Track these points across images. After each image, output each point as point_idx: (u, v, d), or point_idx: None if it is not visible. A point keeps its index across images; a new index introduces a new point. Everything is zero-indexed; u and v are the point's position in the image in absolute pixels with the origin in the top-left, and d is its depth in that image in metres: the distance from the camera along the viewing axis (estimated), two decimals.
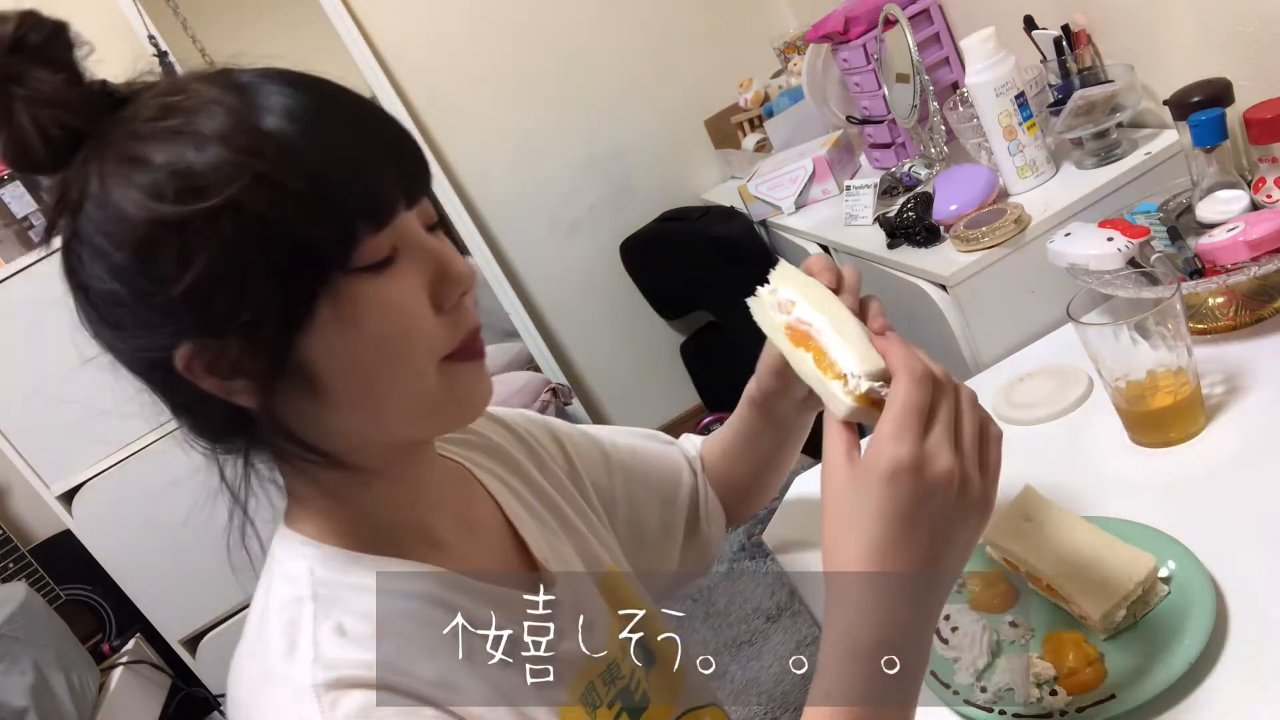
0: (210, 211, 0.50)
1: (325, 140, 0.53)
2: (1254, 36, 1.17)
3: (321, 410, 0.56)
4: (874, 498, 0.53)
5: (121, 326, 0.54)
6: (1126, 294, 0.95)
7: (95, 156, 0.53)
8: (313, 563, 0.61)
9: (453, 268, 0.59)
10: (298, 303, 0.53)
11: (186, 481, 0.64)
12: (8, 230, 1.99)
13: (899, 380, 0.55)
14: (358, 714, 0.53)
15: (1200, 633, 0.64)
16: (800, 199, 1.96)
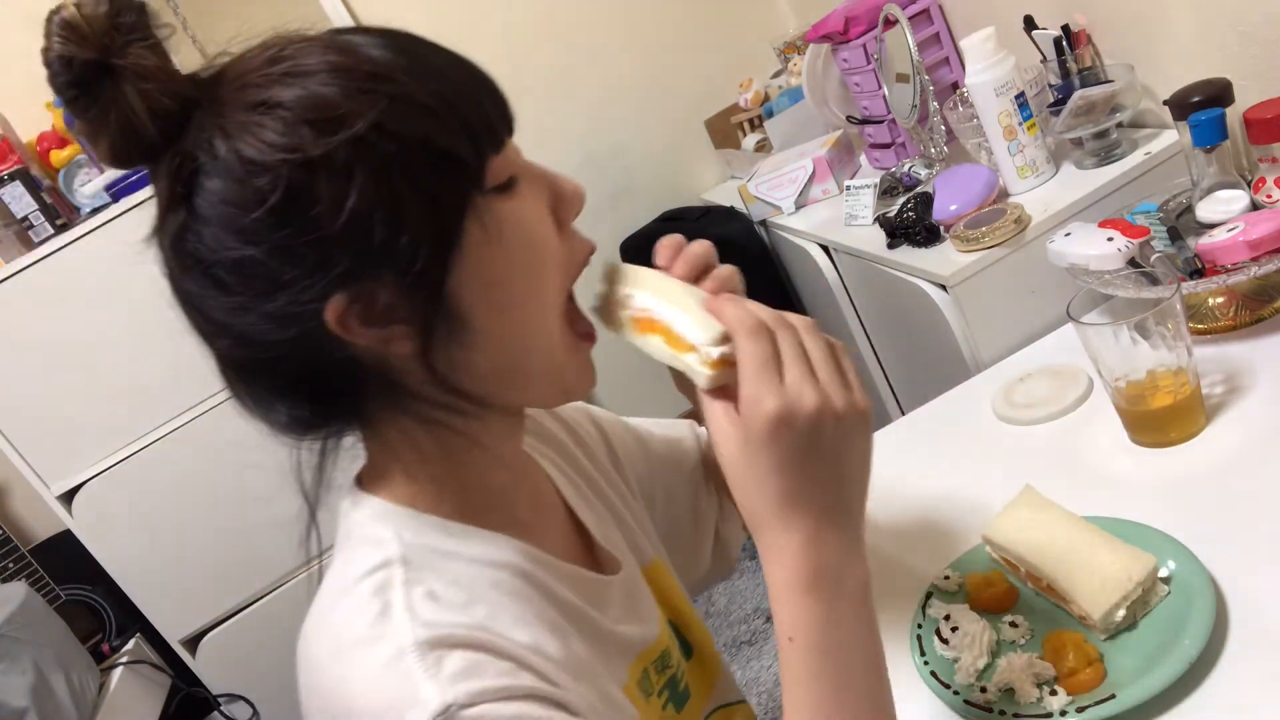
0: (356, 140, 0.50)
1: (434, 66, 0.54)
2: (1254, 36, 1.17)
3: (470, 351, 0.56)
4: (765, 455, 0.54)
5: (260, 296, 0.53)
6: (1126, 294, 0.95)
7: (212, 118, 0.52)
8: (400, 528, 0.59)
9: (567, 186, 0.60)
10: (449, 224, 0.53)
11: (186, 481, 0.64)
12: (8, 230, 1.99)
13: (737, 340, 0.56)
14: (463, 674, 0.51)
15: (1200, 633, 0.64)
16: (800, 199, 1.96)
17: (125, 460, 1.99)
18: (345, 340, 0.54)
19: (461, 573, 0.58)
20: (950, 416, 1.11)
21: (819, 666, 0.54)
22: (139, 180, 1.92)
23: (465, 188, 0.54)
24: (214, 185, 0.52)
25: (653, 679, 0.70)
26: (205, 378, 0.60)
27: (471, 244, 0.54)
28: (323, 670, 0.55)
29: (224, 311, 0.54)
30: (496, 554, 0.61)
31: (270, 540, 2.08)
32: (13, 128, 2.08)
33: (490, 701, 0.50)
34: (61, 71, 0.52)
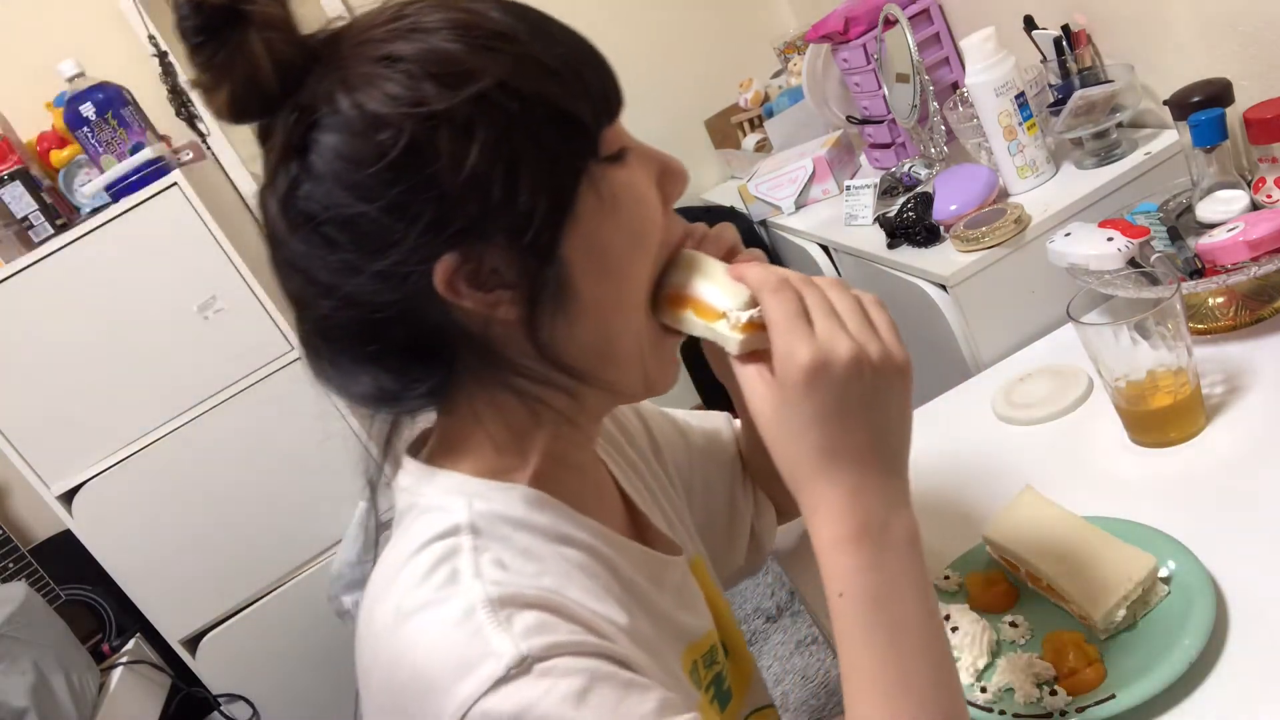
0: (480, 96, 0.50)
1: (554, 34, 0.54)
2: (1254, 36, 1.17)
3: (571, 325, 0.56)
4: (802, 409, 0.53)
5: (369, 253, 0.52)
6: (1126, 294, 0.95)
7: (334, 71, 0.52)
8: (473, 497, 0.58)
9: (674, 163, 0.60)
10: (565, 188, 0.53)
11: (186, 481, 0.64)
12: (8, 230, 1.99)
13: (763, 297, 0.56)
14: (535, 629, 0.51)
15: (1200, 633, 0.64)
16: (800, 199, 1.96)
17: (125, 460, 1.99)
18: (450, 303, 0.53)
19: (530, 544, 0.57)
20: (950, 416, 1.11)
21: (872, 617, 0.53)
22: (139, 180, 1.92)
23: (583, 152, 0.54)
24: (330, 140, 0.51)
25: (701, 673, 0.70)
26: (205, 377, 0.60)
27: (585, 210, 0.54)
28: (386, 637, 0.54)
29: (330, 271, 0.54)
30: (567, 529, 0.60)
31: (270, 540, 2.09)
32: (13, 128, 2.08)
33: (565, 655, 0.50)
34: (190, 15, 0.51)
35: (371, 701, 0.55)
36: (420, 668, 0.51)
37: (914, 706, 0.51)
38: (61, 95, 1.98)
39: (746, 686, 0.78)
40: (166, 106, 2.16)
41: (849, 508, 0.53)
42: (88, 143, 1.94)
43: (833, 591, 0.54)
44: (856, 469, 0.54)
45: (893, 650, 0.52)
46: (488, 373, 0.58)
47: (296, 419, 2.04)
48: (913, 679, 0.52)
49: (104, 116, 1.92)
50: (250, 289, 1.96)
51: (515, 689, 0.48)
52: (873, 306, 0.57)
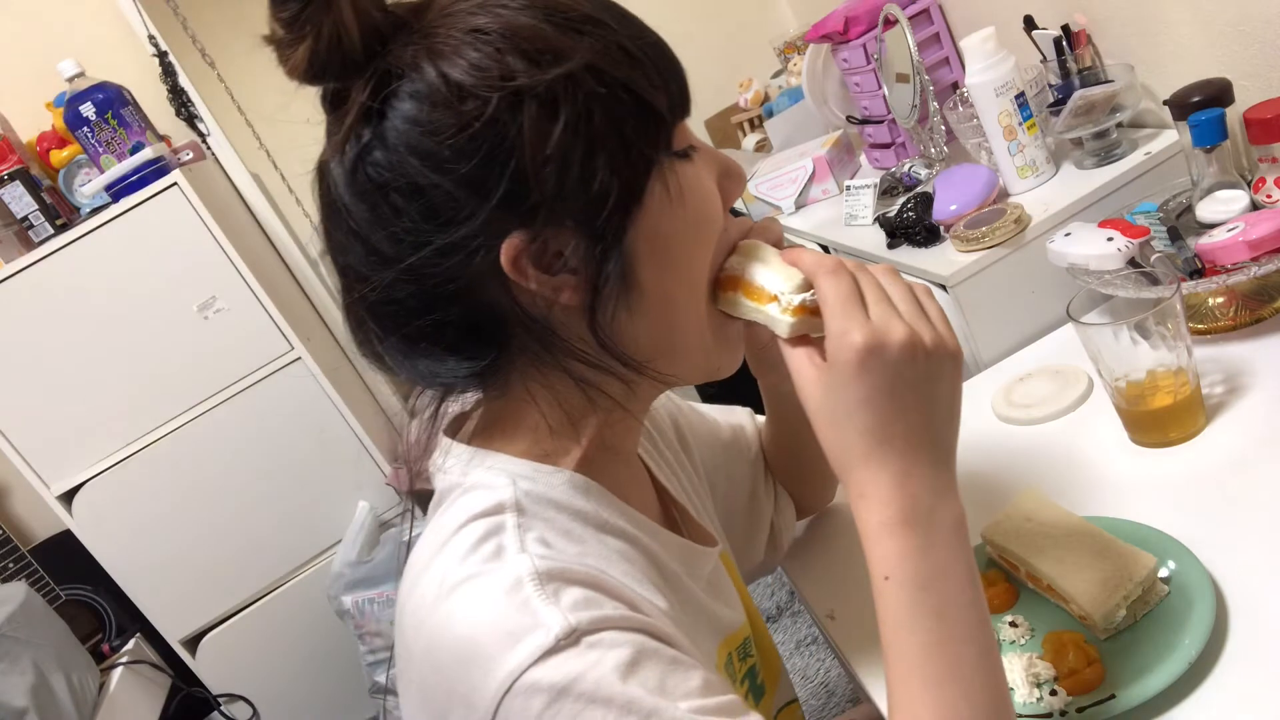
0: (568, 76, 0.50)
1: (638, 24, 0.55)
2: (1254, 36, 1.17)
3: (630, 315, 0.56)
4: (852, 390, 0.53)
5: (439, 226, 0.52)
6: (1126, 294, 0.95)
7: (420, 39, 0.52)
8: (518, 477, 0.58)
9: (734, 166, 0.61)
10: (637, 177, 0.53)
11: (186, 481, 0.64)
12: (8, 230, 1.99)
13: (818, 279, 0.56)
14: (583, 604, 0.51)
15: (1200, 633, 0.64)
16: (800, 199, 1.96)
17: (125, 460, 1.99)
18: (513, 284, 0.53)
19: (573, 527, 0.58)
20: None
21: (918, 601, 0.52)
22: (139, 180, 1.92)
23: (657, 144, 0.54)
24: (409, 107, 0.51)
25: (736, 665, 0.70)
26: (205, 377, 0.60)
27: (652, 202, 0.54)
28: (430, 608, 0.53)
29: (394, 242, 0.53)
30: (609, 515, 0.60)
31: (270, 540, 2.09)
32: (13, 128, 2.08)
33: (612, 629, 0.50)
34: None
35: (412, 674, 0.55)
36: (466, 637, 0.51)
37: (958, 694, 0.51)
38: (61, 95, 1.98)
39: (777, 680, 0.78)
40: (166, 106, 2.16)
41: (897, 492, 0.53)
42: (88, 143, 1.94)
43: (878, 575, 0.53)
44: (906, 454, 0.54)
45: (938, 636, 0.52)
46: (544, 356, 0.57)
47: (296, 419, 2.04)
48: (958, 666, 0.52)
49: (104, 116, 1.92)
50: (250, 289, 1.96)
51: (563, 660, 0.48)
52: (924, 295, 0.57)
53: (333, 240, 0.56)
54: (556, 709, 0.48)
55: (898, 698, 0.53)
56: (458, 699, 0.50)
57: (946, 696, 0.51)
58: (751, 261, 0.61)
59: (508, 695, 0.48)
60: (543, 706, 0.48)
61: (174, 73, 2.13)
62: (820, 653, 1.96)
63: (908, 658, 0.52)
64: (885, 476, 0.53)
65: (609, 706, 0.48)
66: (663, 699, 0.49)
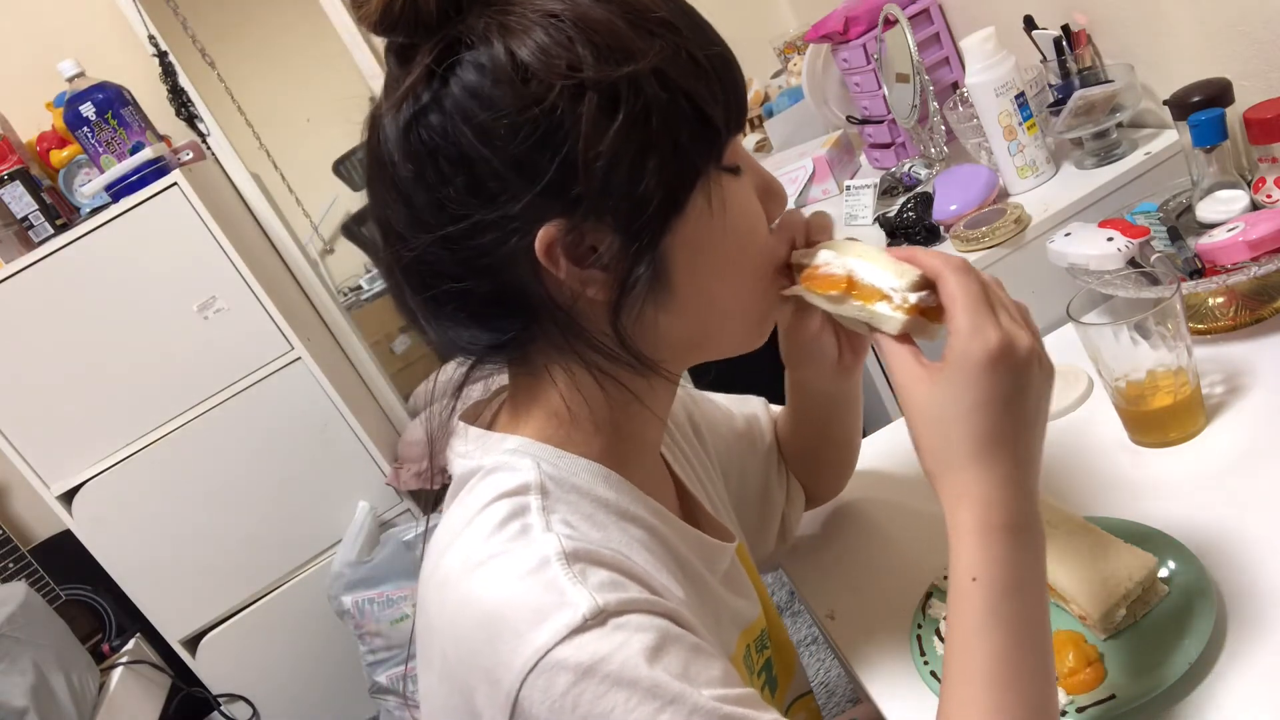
0: (633, 77, 0.50)
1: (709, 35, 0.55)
2: (1254, 36, 1.17)
3: (660, 313, 0.56)
4: (973, 391, 0.53)
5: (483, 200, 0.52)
6: (1126, 294, 0.95)
7: (495, 13, 0.52)
8: (540, 460, 0.58)
9: (777, 186, 0.62)
10: (683, 185, 0.53)
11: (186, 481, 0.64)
12: (8, 230, 1.99)
13: (948, 277, 0.55)
14: (609, 586, 0.51)
15: (1200, 633, 0.64)
16: (800, 199, 1.96)
17: (125, 460, 1.99)
18: (545, 270, 0.53)
19: (595, 513, 0.58)
20: None
21: (999, 607, 0.53)
22: (139, 180, 1.92)
23: (708, 156, 0.54)
24: (473, 78, 0.51)
25: (754, 657, 0.70)
26: (205, 377, 0.60)
27: (693, 212, 0.54)
28: (454, 586, 0.53)
29: (435, 208, 0.54)
30: (630, 505, 0.60)
31: (270, 540, 2.09)
32: (13, 128, 2.08)
33: (638, 612, 0.50)
34: None
35: (434, 650, 0.55)
36: (492, 614, 0.51)
37: (1015, 700, 0.51)
38: (61, 95, 1.98)
39: (791, 673, 0.78)
40: (166, 106, 2.16)
41: (1001, 497, 0.53)
42: (88, 143, 1.94)
43: (964, 575, 0.53)
44: (1013, 460, 0.54)
45: (1010, 643, 0.52)
46: (565, 343, 0.58)
47: (296, 419, 2.04)
48: (1021, 675, 0.52)
49: (104, 116, 1.91)
50: (250, 289, 1.96)
51: (590, 639, 0.48)
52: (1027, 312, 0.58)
53: (375, 193, 0.57)
54: (581, 689, 0.48)
55: (955, 694, 0.53)
56: (481, 674, 0.50)
57: (1004, 701, 0.51)
58: (853, 258, 0.60)
59: (532, 673, 0.48)
60: (568, 685, 0.48)
61: (174, 73, 2.13)
62: (820, 653, 1.96)
63: (977, 659, 0.52)
64: (991, 479, 0.53)
65: (634, 689, 0.48)
66: (687, 685, 0.49)
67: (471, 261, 0.54)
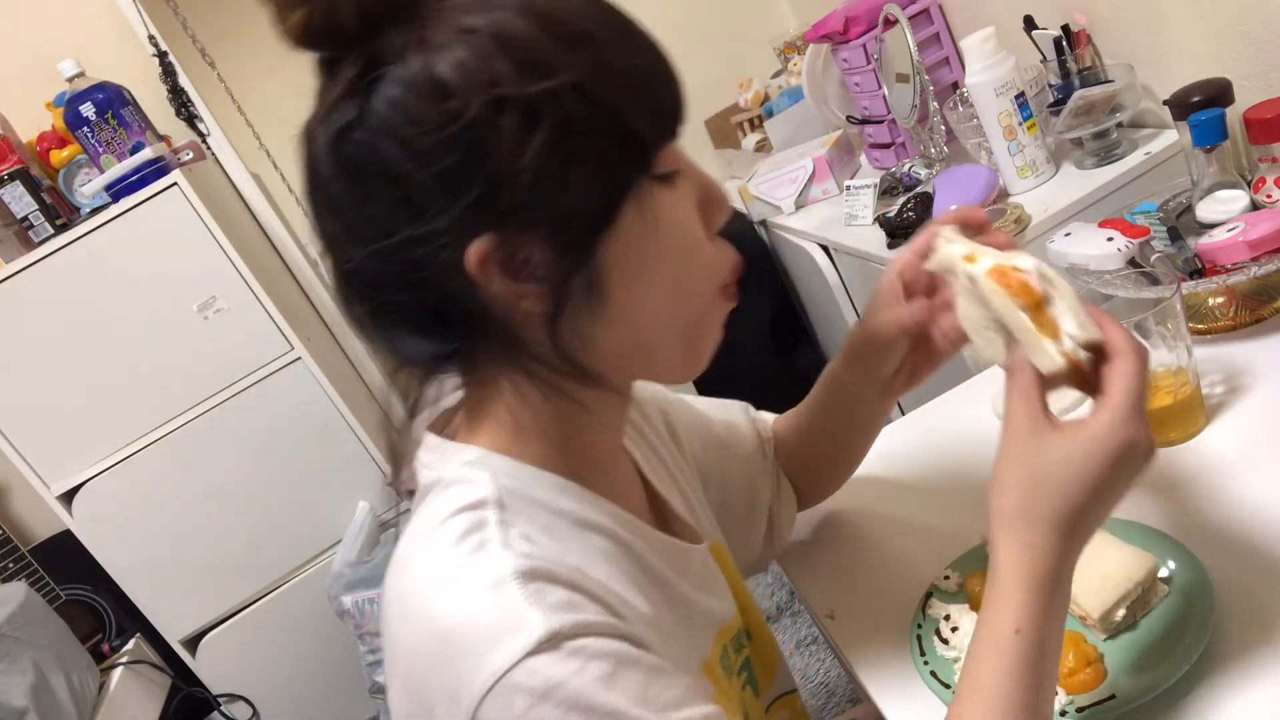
0: (553, 91, 0.50)
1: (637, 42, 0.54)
2: (1254, 36, 1.17)
3: (597, 325, 0.56)
4: (1093, 469, 0.55)
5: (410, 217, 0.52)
6: (1126, 294, 0.95)
7: (414, 28, 0.51)
8: (498, 473, 0.58)
9: (718, 192, 0.60)
10: (612, 199, 0.53)
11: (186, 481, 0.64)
12: (8, 230, 1.99)
13: (1126, 360, 0.57)
14: (565, 607, 0.51)
15: (1200, 633, 0.64)
16: (800, 199, 1.96)
17: (125, 460, 1.99)
18: (479, 283, 0.53)
19: (555, 525, 0.57)
20: (950, 416, 1.11)
21: (1034, 660, 0.55)
22: (139, 180, 1.92)
23: (636, 168, 0.54)
24: (395, 94, 0.51)
25: (732, 657, 0.70)
26: (205, 377, 0.60)
27: (625, 224, 0.54)
28: (413, 604, 0.54)
29: (366, 222, 0.53)
30: (591, 513, 0.60)
31: (270, 540, 2.09)
32: (13, 128, 2.08)
33: (593, 635, 0.50)
34: None
35: (398, 665, 0.55)
36: (450, 633, 0.51)
37: None
38: (61, 95, 1.98)
39: (773, 671, 0.78)
40: (166, 106, 2.16)
41: (1059, 564, 0.56)
42: (88, 143, 1.94)
43: (1008, 626, 0.55)
44: (1081, 529, 0.56)
45: (1034, 695, 0.55)
46: (509, 357, 0.58)
47: (296, 419, 2.04)
48: None
49: (104, 116, 1.92)
50: (250, 289, 1.96)
51: (544, 663, 0.48)
52: None
53: (311, 205, 0.56)
54: (538, 712, 0.48)
55: None
56: (441, 692, 0.51)
57: None
58: (1053, 288, 0.60)
59: (490, 694, 0.48)
60: (525, 708, 0.48)
61: (174, 73, 2.13)
62: (820, 653, 1.96)
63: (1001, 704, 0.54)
64: (1059, 547, 0.55)
65: (590, 715, 0.48)
66: (645, 710, 0.49)
67: (407, 275, 0.54)
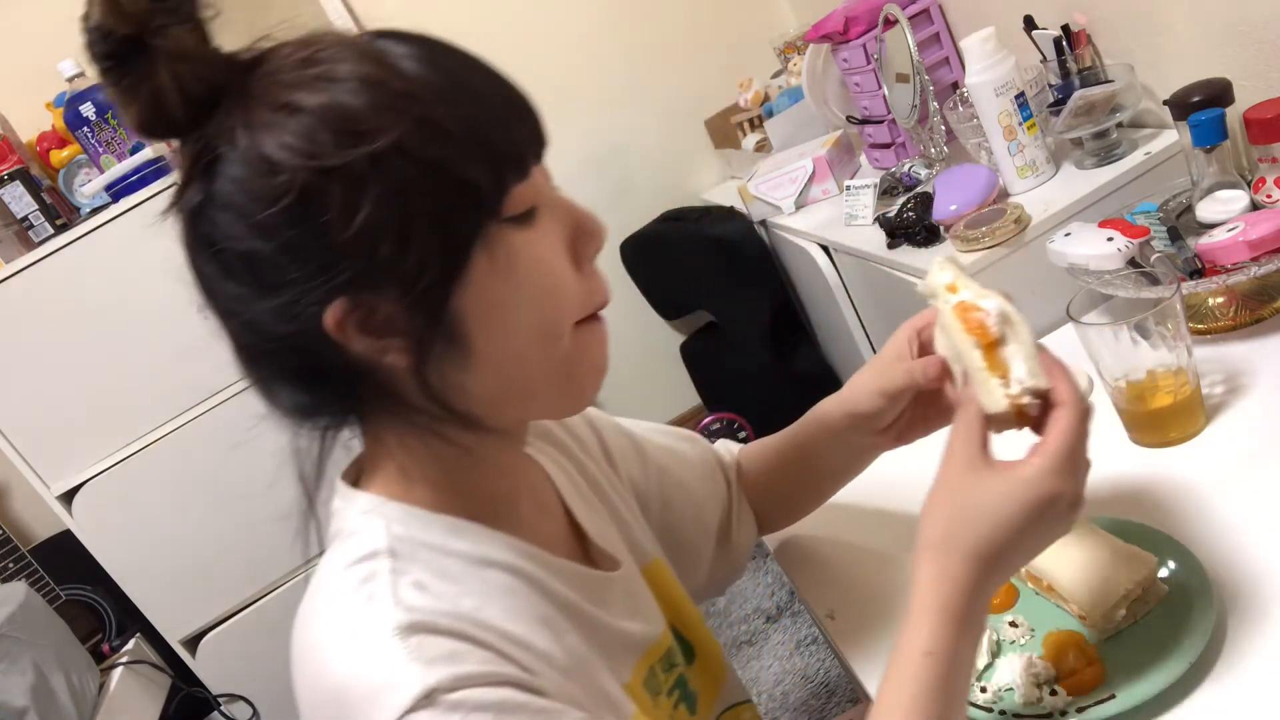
0: (374, 156, 0.50)
1: (469, 88, 0.54)
2: (1254, 36, 1.17)
3: (464, 373, 0.56)
4: (1018, 510, 0.57)
5: (265, 289, 0.53)
6: (1126, 294, 0.95)
7: (239, 109, 0.52)
8: (391, 521, 0.59)
9: (588, 223, 0.60)
10: (457, 250, 0.53)
11: (187, 481, 0.65)
12: (8, 230, 1.99)
13: (1068, 413, 0.58)
14: (446, 659, 0.51)
15: (1200, 633, 0.64)
16: (800, 199, 1.96)
17: (125, 460, 1.99)
18: (342, 344, 0.54)
19: (450, 567, 0.58)
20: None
21: (944, 682, 0.57)
22: (139, 180, 1.92)
23: (479, 216, 0.54)
24: (235, 173, 0.52)
25: (660, 678, 0.70)
26: (205, 377, 0.61)
27: (478, 271, 0.54)
28: (309, 657, 0.55)
29: (230, 296, 0.55)
30: (489, 551, 0.61)
31: (270, 540, 2.09)
32: (13, 128, 2.08)
33: (473, 686, 0.51)
34: (98, 42, 0.51)
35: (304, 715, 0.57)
36: (337, 690, 0.52)
37: None
38: (61, 95, 1.98)
39: (716, 686, 0.78)
40: None
41: (972, 589, 0.58)
42: (88, 143, 1.94)
43: (918, 648, 0.57)
44: (998, 567, 0.58)
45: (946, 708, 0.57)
46: (387, 409, 0.59)
47: None
48: None
49: (104, 117, 1.92)
50: None
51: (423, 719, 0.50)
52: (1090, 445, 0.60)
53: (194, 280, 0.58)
54: None
55: None
56: None
57: None
58: (1010, 331, 0.61)
59: None
60: None
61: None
62: (820, 653, 1.96)
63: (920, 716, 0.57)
64: (977, 578, 0.58)
65: None
66: None
67: (278, 342, 0.56)
